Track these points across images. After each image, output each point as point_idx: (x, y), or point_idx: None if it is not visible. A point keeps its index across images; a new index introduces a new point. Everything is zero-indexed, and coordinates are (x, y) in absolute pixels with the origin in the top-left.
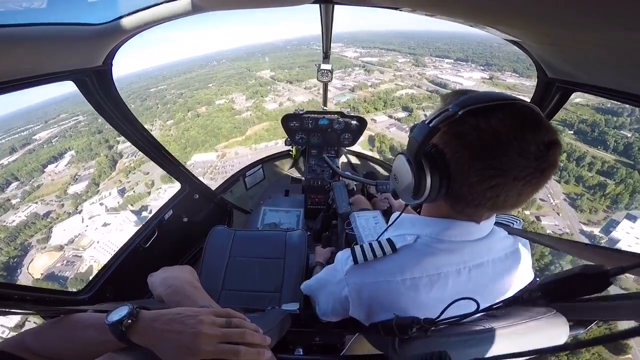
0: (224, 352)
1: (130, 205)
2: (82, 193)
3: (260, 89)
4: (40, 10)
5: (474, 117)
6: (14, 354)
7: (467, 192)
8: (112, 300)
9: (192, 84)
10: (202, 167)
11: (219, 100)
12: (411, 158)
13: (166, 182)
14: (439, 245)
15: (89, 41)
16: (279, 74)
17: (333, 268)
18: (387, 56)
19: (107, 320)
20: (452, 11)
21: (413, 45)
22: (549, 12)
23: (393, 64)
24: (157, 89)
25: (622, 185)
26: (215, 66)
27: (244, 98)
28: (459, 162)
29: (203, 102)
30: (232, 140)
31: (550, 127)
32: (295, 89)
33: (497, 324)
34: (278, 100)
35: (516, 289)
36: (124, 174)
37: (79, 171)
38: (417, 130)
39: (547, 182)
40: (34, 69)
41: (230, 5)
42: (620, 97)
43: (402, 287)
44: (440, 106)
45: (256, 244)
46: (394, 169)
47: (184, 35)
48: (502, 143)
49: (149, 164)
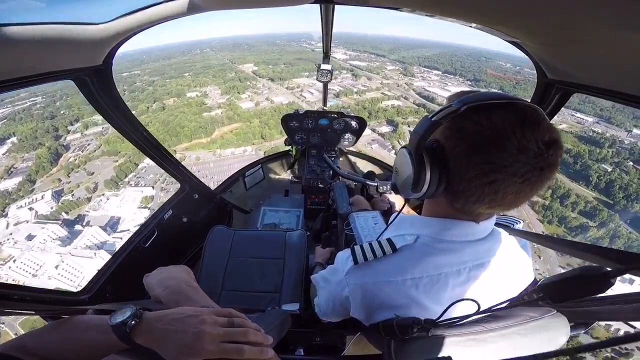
0: (227, 351)
1: (65, 213)
2: (13, 191)
3: (238, 84)
4: (41, 10)
5: (475, 113)
6: (14, 356)
7: (465, 187)
8: (112, 300)
9: (167, 71)
10: (153, 173)
11: (191, 92)
12: (412, 151)
13: (111, 188)
14: (439, 245)
15: (89, 41)
16: (261, 69)
17: (334, 268)
18: (376, 62)
19: (111, 322)
20: (452, 11)
21: (403, 52)
22: (549, 12)
23: (381, 70)
24: (129, 74)
25: (603, 229)
26: (197, 54)
27: (218, 92)
28: (459, 157)
29: (173, 93)
30: (195, 141)
31: (551, 126)
32: (276, 88)
33: (498, 324)
34: (255, 99)
35: (517, 290)
36: (65, 171)
37: (16, 162)
38: (419, 124)
39: (547, 183)
40: (34, 68)
41: (230, 5)
42: (620, 98)
43: (403, 287)
44: (444, 105)
45: (256, 244)
46: (396, 161)
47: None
48: (502, 139)
49: (94, 163)
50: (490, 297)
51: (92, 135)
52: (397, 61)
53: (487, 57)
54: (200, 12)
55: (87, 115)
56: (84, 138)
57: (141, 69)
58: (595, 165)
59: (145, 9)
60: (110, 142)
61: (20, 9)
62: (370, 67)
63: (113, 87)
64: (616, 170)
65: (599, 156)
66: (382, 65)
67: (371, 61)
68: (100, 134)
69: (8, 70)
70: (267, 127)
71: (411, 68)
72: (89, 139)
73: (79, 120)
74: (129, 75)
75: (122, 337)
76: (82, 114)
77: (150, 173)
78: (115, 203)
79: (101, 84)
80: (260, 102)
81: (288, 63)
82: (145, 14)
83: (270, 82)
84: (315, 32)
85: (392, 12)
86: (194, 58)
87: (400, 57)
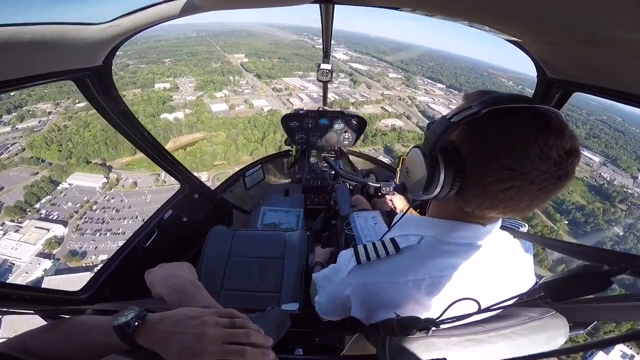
0: (229, 352)
1: None
2: None
3: (218, 78)
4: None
5: (497, 116)
6: (14, 356)
7: (480, 192)
8: (112, 300)
9: (148, 54)
10: (73, 199)
11: (160, 82)
12: (427, 152)
13: (13, 217)
14: (444, 247)
15: (89, 41)
16: (251, 63)
17: (336, 267)
18: (377, 67)
19: (114, 323)
20: (452, 11)
21: (406, 59)
22: (549, 12)
23: (383, 78)
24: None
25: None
26: (191, 38)
27: (192, 86)
28: (476, 161)
29: (138, 83)
30: (139, 155)
31: (573, 135)
32: (260, 88)
33: (497, 324)
34: (232, 99)
35: (518, 292)
36: None
37: None
38: (436, 124)
39: (562, 191)
40: (34, 69)
41: (230, 4)
42: (620, 97)
43: (405, 288)
44: (462, 104)
45: (256, 244)
46: (408, 161)
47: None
48: (523, 145)
49: (8, 173)
50: (492, 299)
51: (23, 131)
52: (400, 68)
53: (489, 72)
54: (200, 12)
55: (32, 103)
56: (13, 133)
57: (123, 50)
58: (610, 231)
59: (145, 9)
60: (35, 147)
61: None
62: (371, 72)
63: (113, 87)
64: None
65: (612, 216)
66: (384, 72)
67: (373, 65)
68: (31, 130)
69: (8, 71)
70: (235, 145)
71: (414, 79)
72: (17, 136)
73: (22, 107)
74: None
75: (124, 338)
76: (27, 100)
77: (70, 198)
78: (12, 243)
79: (101, 84)
80: (236, 105)
81: (283, 58)
82: (145, 14)
83: (257, 79)
84: (317, 27)
85: (394, 12)
86: (185, 42)
87: (404, 63)
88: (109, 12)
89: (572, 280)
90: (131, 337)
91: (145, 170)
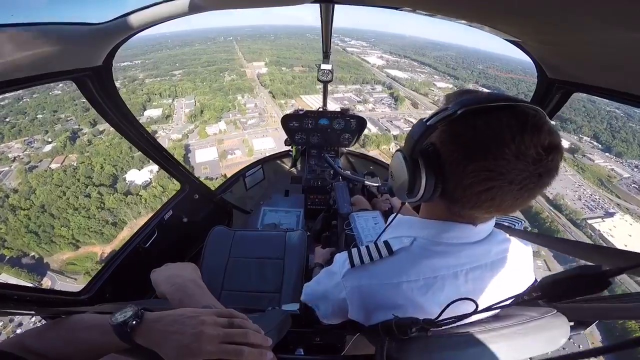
0: (226, 352)
1: None
2: None
3: (222, 101)
4: (41, 10)
5: (472, 117)
6: (13, 354)
7: (461, 194)
8: (112, 300)
9: (161, 65)
10: None
11: (153, 108)
12: (407, 155)
13: None
14: (436, 247)
15: (89, 41)
16: (268, 75)
17: (331, 271)
18: (421, 73)
19: (112, 322)
20: (452, 11)
21: (452, 63)
22: (549, 12)
23: (429, 88)
24: (123, 65)
25: None
26: (215, 44)
27: (189, 111)
28: (454, 163)
29: (133, 107)
30: (85, 249)
31: (552, 130)
32: (270, 115)
33: (498, 324)
34: (227, 139)
35: (517, 291)
36: None
37: None
38: (414, 127)
39: (546, 188)
40: (35, 69)
41: (230, 4)
42: (621, 97)
43: (399, 289)
44: (442, 105)
45: (256, 244)
46: (391, 165)
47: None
48: (499, 145)
49: None
50: (489, 298)
51: None
52: (446, 74)
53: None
54: (200, 12)
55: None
56: None
57: (141, 60)
58: None
59: (145, 9)
60: None
61: (20, 9)
62: (413, 81)
63: (113, 87)
64: None
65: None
66: (429, 80)
67: (414, 71)
68: None
69: (8, 71)
70: None
71: (467, 87)
72: None
73: None
74: (121, 68)
75: (123, 337)
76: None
77: None
78: None
79: (101, 84)
80: (229, 152)
81: (307, 65)
82: (145, 14)
83: (270, 97)
84: (345, 28)
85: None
86: (207, 48)
87: (450, 68)
88: (109, 12)
89: (570, 280)
90: (129, 336)
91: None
